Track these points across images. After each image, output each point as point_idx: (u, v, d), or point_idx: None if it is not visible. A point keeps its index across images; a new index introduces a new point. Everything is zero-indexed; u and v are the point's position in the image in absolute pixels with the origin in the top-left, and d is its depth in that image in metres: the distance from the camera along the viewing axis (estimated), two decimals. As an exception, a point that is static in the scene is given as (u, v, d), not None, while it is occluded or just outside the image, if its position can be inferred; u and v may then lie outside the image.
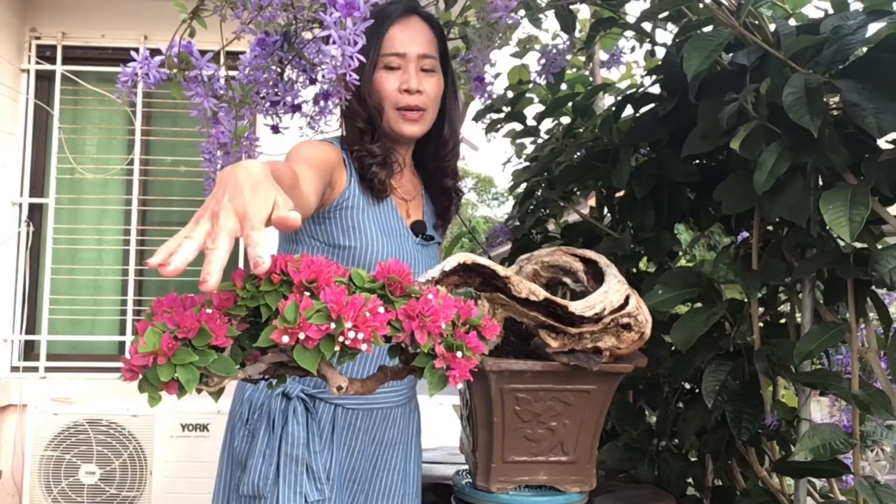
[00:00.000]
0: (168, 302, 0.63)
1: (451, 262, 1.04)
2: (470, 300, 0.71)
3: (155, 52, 1.22)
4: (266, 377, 0.73)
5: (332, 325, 0.61)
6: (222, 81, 1.27)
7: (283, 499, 1.20)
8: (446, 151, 1.41)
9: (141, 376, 0.59)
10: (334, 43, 1.01)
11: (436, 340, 0.65)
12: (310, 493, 1.21)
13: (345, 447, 1.30)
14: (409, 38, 1.29)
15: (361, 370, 1.30)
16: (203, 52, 1.22)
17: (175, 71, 1.19)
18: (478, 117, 1.90)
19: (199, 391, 0.63)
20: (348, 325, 0.61)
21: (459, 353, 0.65)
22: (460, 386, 1.29)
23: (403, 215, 1.36)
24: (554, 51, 1.64)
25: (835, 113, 1.22)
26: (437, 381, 0.66)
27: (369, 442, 1.33)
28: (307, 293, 0.64)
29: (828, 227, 1.12)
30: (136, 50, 1.20)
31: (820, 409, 1.93)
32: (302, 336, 0.62)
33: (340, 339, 0.61)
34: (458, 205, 1.48)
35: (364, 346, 0.62)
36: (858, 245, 1.20)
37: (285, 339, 0.62)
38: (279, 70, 1.32)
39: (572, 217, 2.03)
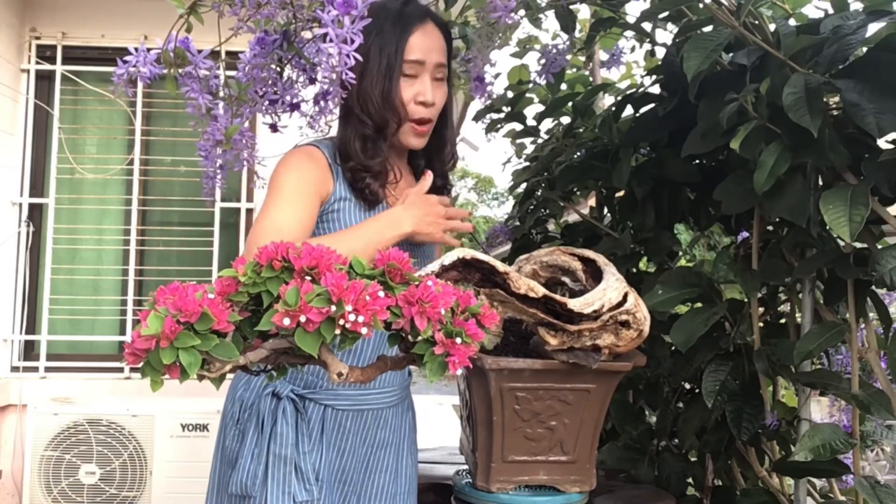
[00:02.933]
0: (171, 289, 0.63)
1: (450, 257, 1.04)
2: (469, 290, 0.71)
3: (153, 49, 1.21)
4: (267, 367, 0.73)
5: (333, 308, 0.62)
6: (221, 79, 1.27)
7: (272, 498, 1.20)
8: (443, 155, 1.41)
9: (144, 360, 0.60)
10: (331, 41, 1.01)
11: (435, 327, 0.66)
12: (298, 494, 1.21)
13: (335, 448, 1.29)
14: (428, 45, 1.28)
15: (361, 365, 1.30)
16: (201, 51, 1.21)
17: (171, 67, 1.19)
18: (478, 117, 1.90)
19: (200, 378, 0.63)
20: (349, 308, 0.62)
21: (459, 340, 0.66)
22: (461, 386, 1.30)
23: None
24: (554, 51, 1.64)
25: (835, 113, 1.22)
26: (436, 368, 0.66)
27: (360, 443, 1.32)
28: (308, 279, 0.65)
29: (828, 227, 1.12)
30: (136, 49, 1.20)
31: (820, 409, 1.93)
32: (303, 319, 0.62)
33: (341, 321, 0.62)
34: (448, 195, 1.47)
35: (364, 330, 0.62)
36: (858, 245, 1.20)
37: (287, 321, 0.62)
38: (279, 69, 1.31)
39: (572, 217, 2.03)
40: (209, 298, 0.62)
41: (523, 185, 2.05)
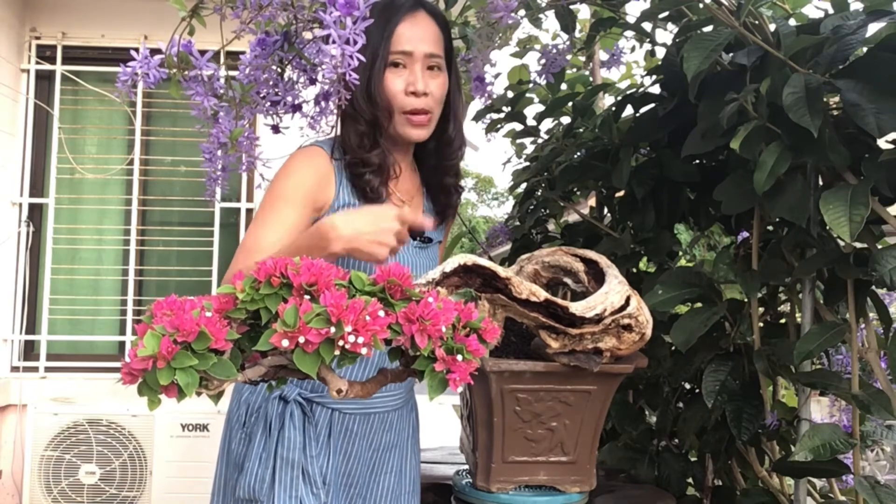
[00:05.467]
0: (168, 304, 0.63)
1: (451, 264, 1.04)
2: (470, 303, 0.70)
3: (155, 51, 1.21)
4: (266, 379, 0.73)
5: (332, 329, 0.61)
6: (222, 81, 1.27)
7: (279, 502, 1.19)
8: (451, 150, 1.37)
9: (140, 380, 0.59)
10: (334, 42, 1.01)
11: (436, 344, 0.65)
12: (305, 498, 1.20)
13: (342, 452, 1.29)
14: (416, 35, 1.26)
15: (362, 373, 1.30)
16: (203, 52, 1.21)
17: (174, 70, 1.19)
18: (478, 117, 1.90)
19: (198, 394, 0.63)
20: (348, 328, 0.61)
21: (460, 357, 0.65)
22: (460, 387, 1.30)
23: None
24: (554, 51, 1.64)
25: (835, 113, 1.22)
26: (437, 385, 0.66)
27: (366, 447, 1.32)
28: (307, 296, 0.64)
29: (828, 227, 1.12)
30: (137, 50, 1.20)
31: (820, 409, 1.93)
32: (302, 340, 0.61)
33: (340, 342, 0.61)
34: (458, 202, 1.46)
35: (364, 350, 0.61)
36: (858, 245, 1.21)
37: (285, 342, 0.61)
38: (279, 70, 1.31)
39: (572, 217, 2.03)
40: (206, 317, 0.62)
41: (523, 185, 2.05)
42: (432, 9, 1.31)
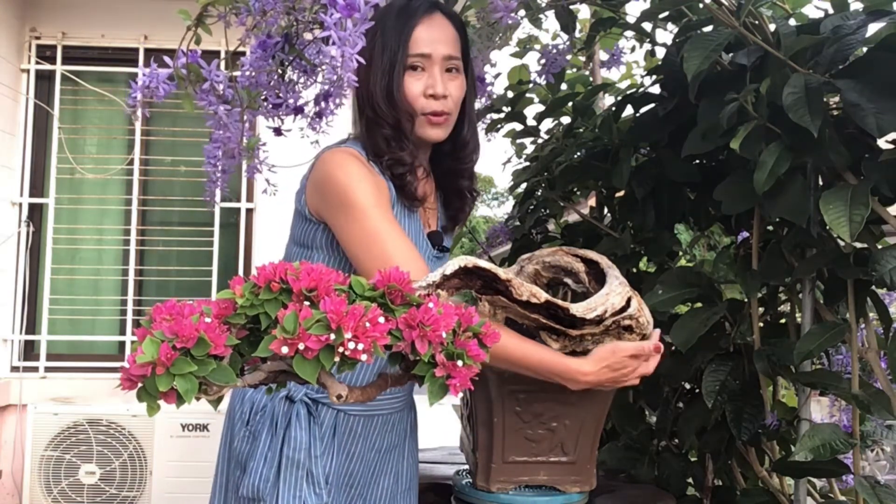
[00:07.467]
0: (167, 309, 0.62)
1: (452, 266, 1.03)
2: (471, 307, 0.70)
3: (155, 52, 1.21)
4: (266, 383, 0.73)
5: (332, 336, 0.61)
6: (231, 89, 1.26)
7: (282, 502, 1.19)
8: (466, 153, 1.36)
9: (140, 386, 0.59)
10: (334, 44, 1.00)
11: (436, 349, 0.64)
12: (309, 498, 1.20)
13: (344, 452, 1.29)
14: (434, 37, 1.25)
15: (362, 376, 1.30)
16: (204, 53, 1.21)
17: (185, 81, 1.18)
18: (478, 117, 1.90)
19: (197, 399, 0.63)
20: (348, 335, 0.60)
21: (460, 362, 0.65)
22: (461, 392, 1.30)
23: (424, 225, 1.34)
24: (554, 51, 1.64)
25: (835, 113, 1.22)
26: (437, 390, 0.65)
27: (369, 448, 1.32)
28: (307, 302, 0.64)
29: (828, 227, 1.12)
30: (136, 50, 1.19)
31: (820, 409, 1.93)
32: (301, 346, 0.61)
33: (340, 349, 0.61)
34: (471, 207, 1.43)
35: (364, 357, 0.61)
36: (858, 245, 1.21)
37: (285, 349, 0.61)
38: (280, 72, 1.31)
39: (572, 217, 2.03)
40: (206, 322, 0.61)
41: (523, 185, 2.05)
42: (448, 10, 1.31)
